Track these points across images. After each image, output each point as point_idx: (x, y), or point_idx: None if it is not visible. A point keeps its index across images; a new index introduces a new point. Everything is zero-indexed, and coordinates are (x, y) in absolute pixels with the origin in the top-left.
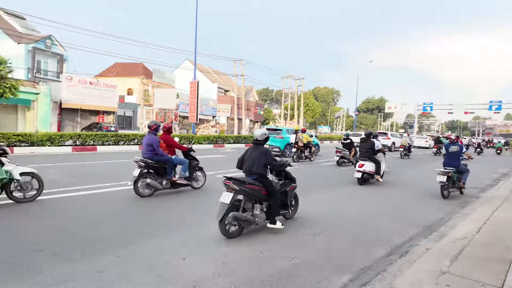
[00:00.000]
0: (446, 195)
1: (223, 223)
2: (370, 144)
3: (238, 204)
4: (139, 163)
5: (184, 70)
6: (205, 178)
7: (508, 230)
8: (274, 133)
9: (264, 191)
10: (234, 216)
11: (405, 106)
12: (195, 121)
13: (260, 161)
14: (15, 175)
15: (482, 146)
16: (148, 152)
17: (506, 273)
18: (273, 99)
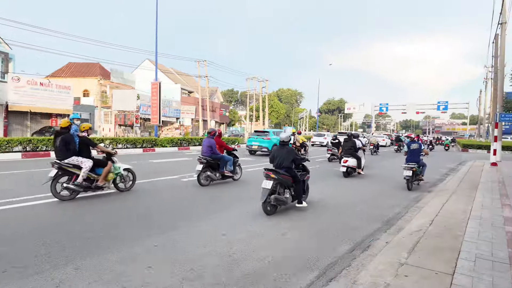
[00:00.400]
0: (411, 187)
1: (266, 203)
2: (353, 143)
3: (274, 189)
4: (201, 160)
5: (145, 71)
6: (241, 172)
7: (456, 221)
8: (262, 135)
9: (291, 180)
10: (276, 197)
11: (363, 107)
12: (158, 123)
13: (288, 157)
14: (121, 170)
15: (433, 144)
16: (207, 151)
17: (456, 260)
18: (238, 100)
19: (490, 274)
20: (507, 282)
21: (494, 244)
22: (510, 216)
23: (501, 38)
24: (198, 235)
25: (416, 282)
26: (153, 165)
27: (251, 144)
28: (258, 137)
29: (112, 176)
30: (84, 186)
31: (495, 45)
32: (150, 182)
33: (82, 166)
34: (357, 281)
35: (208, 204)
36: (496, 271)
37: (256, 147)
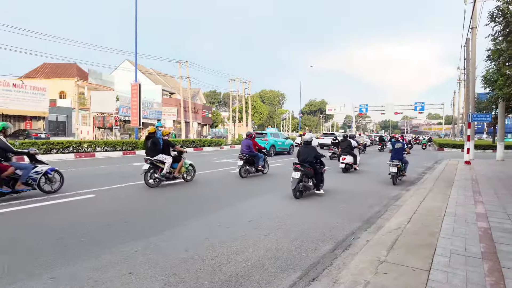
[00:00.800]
0: (396, 182)
1: (295, 189)
2: (349, 142)
3: (301, 179)
4: (242, 157)
5: (124, 71)
6: (268, 167)
7: (433, 218)
8: (261, 136)
9: (313, 171)
10: (304, 185)
11: (343, 108)
12: (138, 125)
13: (311, 154)
14: (188, 165)
15: (411, 143)
16: (246, 150)
17: (432, 257)
18: (221, 101)
19: (464, 269)
20: (480, 276)
21: (467, 240)
22: (482, 212)
23: (472, 42)
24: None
25: (395, 279)
26: (137, 168)
27: None
28: (256, 138)
29: (184, 169)
30: (166, 176)
31: (466, 48)
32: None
33: (166, 161)
34: (339, 280)
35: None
36: (470, 266)
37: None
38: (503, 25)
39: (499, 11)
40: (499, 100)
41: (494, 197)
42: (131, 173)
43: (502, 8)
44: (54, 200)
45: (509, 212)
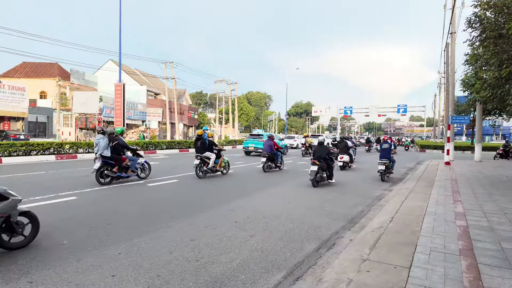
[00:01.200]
0: (383, 179)
1: (314, 179)
2: (346, 143)
3: (318, 171)
4: (265, 155)
5: (108, 72)
6: (283, 163)
7: (414, 217)
8: (257, 138)
9: (326, 165)
10: (320, 176)
11: (329, 110)
12: (122, 126)
13: (324, 152)
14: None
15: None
16: (268, 149)
17: (413, 254)
18: (207, 103)
19: (443, 266)
20: (457, 272)
21: (446, 238)
22: (461, 211)
23: (451, 46)
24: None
25: (377, 277)
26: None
27: (248, 146)
28: (253, 140)
29: (223, 164)
30: (211, 169)
31: (446, 53)
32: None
33: (211, 157)
34: (323, 279)
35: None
36: (448, 262)
37: (252, 148)
38: (479, 31)
39: (476, 17)
40: (477, 103)
41: (472, 196)
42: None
43: (479, 14)
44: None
45: (485, 211)
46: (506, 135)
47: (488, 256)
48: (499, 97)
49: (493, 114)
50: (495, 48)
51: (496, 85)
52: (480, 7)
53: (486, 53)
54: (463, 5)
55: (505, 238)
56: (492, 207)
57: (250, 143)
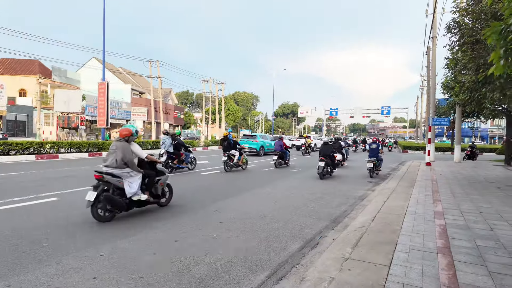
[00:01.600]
0: (372, 175)
1: (321, 173)
2: (339, 144)
3: (324, 166)
4: (276, 153)
5: (91, 70)
6: (290, 161)
7: (395, 217)
8: (251, 138)
9: (331, 161)
10: (327, 170)
11: (315, 111)
12: (105, 125)
13: (329, 150)
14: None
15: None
16: (278, 148)
17: (393, 253)
18: (194, 102)
19: (421, 263)
20: (435, 269)
21: (425, 236)
22: (439, 211)
23: (432, 50)
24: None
25: (358, 275)
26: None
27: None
28: (247, 140)
29: (244, 160)
30: (235, 164)
31: (427, 56)
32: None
33: (235, 154)
34: (305, 278)
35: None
36: (426, 260)
37: (246, 148)
38: (458, 36)
39: (455, 23)
40: (456, 105)
41: (451, 196)
42: None
43: (457, 20)
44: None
45: (462, 210)
46: (483, 136)
47: (464, 254)
48: (477, 100)
49: (472, 117)
50: (473, 53)
51: (474, 89)
52: (458, 13)
53: (464, 58)
54: (444, 11)
55: (480, 236)
56: (469, 206)
57: (244, 143)
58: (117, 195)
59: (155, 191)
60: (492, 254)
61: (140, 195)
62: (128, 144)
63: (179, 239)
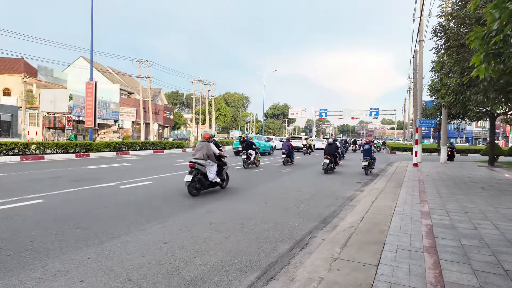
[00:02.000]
0: (367, 173)
1: (326, 169)
2: (335, 144)
3: (329, 163)
4: (284, 152)
5: (79, 69)
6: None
7: (383, 217)
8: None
9: (334, 159)
10: (330, 166)
11: (305, 112)
12: (93, 126)
13: (333, 149)
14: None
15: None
16: (286, 148)
17: (381, 252)
18: (184, 103)
19: (408, 262)
20: (421, 268)
21: (412, 236)
22: (426, 211)
23: (419, 53)
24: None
25: (347, 275)
26: (92, 171)
27: (237, 147)
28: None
29: (258, 159)
30: (252, 162)
31: (414, 59)
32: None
33: (253, 154)
34: (295, 278)
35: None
36: (413, 259)
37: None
38: (444, 39)
39: (441, 27)
40: (442, 107)
41: (437, 196)
42: (84, 176)
43: (443, 24)
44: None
45: (448, 210)
46: (468, 138)
47: (449, 253)
48: (462, 102)
49: (457, 118)
50: (458, 56)
51: (459, 91)
52: (444, 18)
53: (450, 61)
54: (430, 15)
55: (464, 235)
56: (455, 206)
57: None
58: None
59: (221, 176)
60: (476, 253)
61: (216, 178)
62: (208, 143)
63: (168, 241)
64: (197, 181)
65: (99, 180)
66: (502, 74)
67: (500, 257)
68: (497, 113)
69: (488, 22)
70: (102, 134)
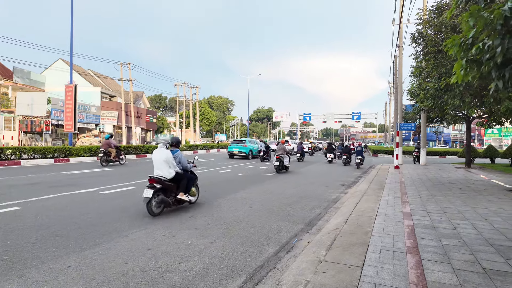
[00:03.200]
0: (359, 167)
1: (330, 162)
2: (332, 146)
3: (330, 160)
4: (298, 152)
5: (58, 71)
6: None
7: (366, 218)
8: (241, 143)
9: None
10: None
11: (289, 116)
12: (73, 130)
13: (333, 149)
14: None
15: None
16: (299, 149)
17: (365, 254)
18: (167, 106)
19: (391, 263)
20: (404, 268)
21: (395, 237)
22: (408, 212)
23: (399, 59)
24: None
25: (333, 277)
26: (70, 176)
27: (232, 150)
28: (237, 145)
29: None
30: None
31: (394, 64)
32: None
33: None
34: (281, 282)
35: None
36: (396, 260)
37: (237, 152)
38: (422, 46)
39: (419, 34)
40: (421, 111)
41: (418, 197)
42: (63, 182)
43: (422, 31)
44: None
45: (428, 211)
46: (446, 140)
47: (431, 253)
48: (439, 106)
49: (435, 122)
50: (435, 62)
51: (437, 96)
52: (422, 25)
53: (428, 66)
54: (409, 22)
55: (444, 235)
56: (435, 207)
57: (235, 148)
58: None
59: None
60: (456, 252)
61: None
62: (283, 145)
63: (152, 247)
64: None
65: (79, 185)
66: (477, 79)
67: (478, 255)
68: (473, 117)
69: (464, 30)
70: (82, 138)
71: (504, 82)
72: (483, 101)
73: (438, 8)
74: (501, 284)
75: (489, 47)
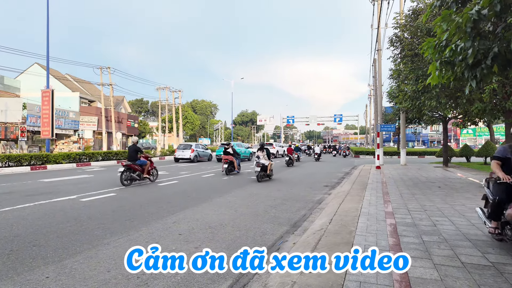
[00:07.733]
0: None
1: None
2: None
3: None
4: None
5: (33, 76)
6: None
7: (350, 218)
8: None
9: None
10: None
11: (273, 119)
12: (50, 136)
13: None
14: None
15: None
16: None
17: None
18: (149, 111)
19: None
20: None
21: (378, 235)
22: (390, 211)
23: (378, 62)
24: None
25: (319, 277)
26: (49, 184)
27: (220, 154)
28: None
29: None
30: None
31: (374, 68)
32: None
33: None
34: (268, 284)
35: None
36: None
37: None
38: (400, 49)
39: (397, 38)
40: (400, 112)
41: (399, 196)
42: (40, 190)
43: (399, 35)
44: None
45: (409, 209)
46: (425, 141)
47: (412, 249)
48: (417, 107)
49: (414, 123)
50: (412, 65)
51: (414, 97)
52: (399, 29)
53: (406, 69)
54: (386, 26)
55: (425, 232)
56: (415, 205)
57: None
58: None
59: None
60: (436, 248)
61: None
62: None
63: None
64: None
65: (57, 193)
66: (452, 80)
67: (457, 250)
68: (449, 117)
69: (437, 34)
70: (60, 145)
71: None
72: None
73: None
74: (479, 277)
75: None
